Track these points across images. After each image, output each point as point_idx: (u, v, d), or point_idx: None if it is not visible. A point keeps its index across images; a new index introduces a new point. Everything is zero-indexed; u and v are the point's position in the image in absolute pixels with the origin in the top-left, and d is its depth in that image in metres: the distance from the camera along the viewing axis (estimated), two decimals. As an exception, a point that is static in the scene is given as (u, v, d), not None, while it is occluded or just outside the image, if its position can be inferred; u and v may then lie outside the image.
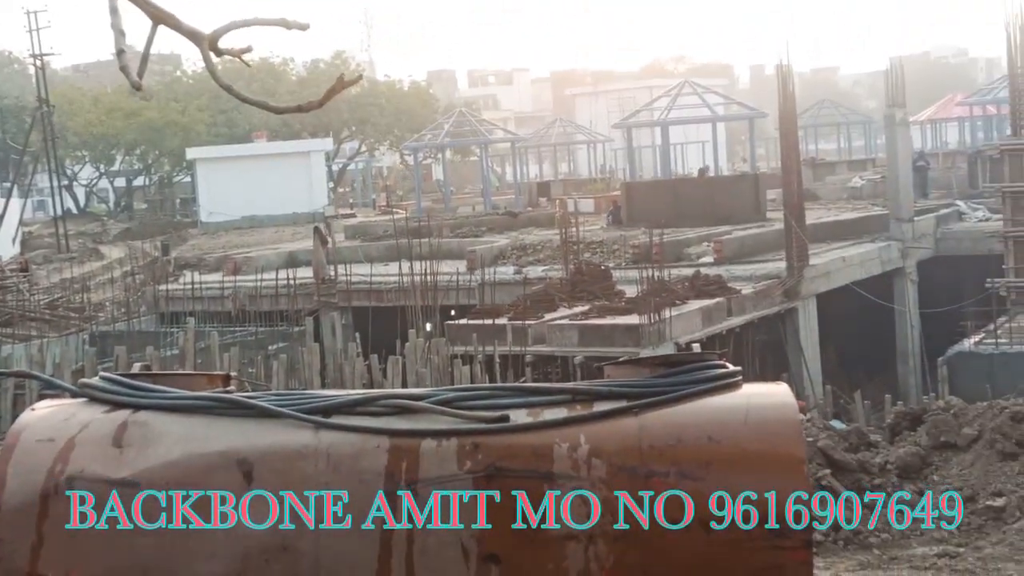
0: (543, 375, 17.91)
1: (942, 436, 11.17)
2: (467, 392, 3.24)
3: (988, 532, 9.79)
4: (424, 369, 15.15)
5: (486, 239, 32.40)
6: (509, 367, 16.69)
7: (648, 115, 42.58)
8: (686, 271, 22.74)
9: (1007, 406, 11.36)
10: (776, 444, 2.99)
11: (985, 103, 50.31)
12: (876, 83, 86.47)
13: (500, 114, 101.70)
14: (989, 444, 10.97)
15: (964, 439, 11.13)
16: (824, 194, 41.80)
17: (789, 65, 23.77)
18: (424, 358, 15.72)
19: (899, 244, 26.82)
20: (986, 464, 10.84)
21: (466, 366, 15.36)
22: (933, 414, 11.41)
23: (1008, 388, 15.41)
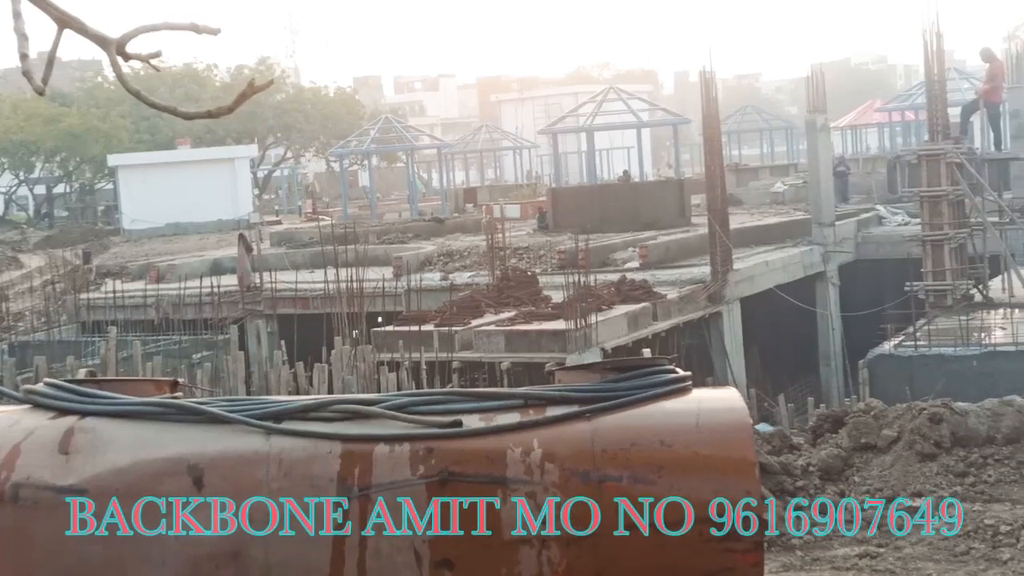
0: (470, 381, 17.88)
1: (863, 438, 11.34)
2: (420, 397, 3.24)
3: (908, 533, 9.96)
4: (350, 376, 15.06)
5: (412, 245, 32.33)
6: (436, 374, 16.65)
7: (574, 121, 42.75)
8: (612, 276, 22.85)
9: (925, 407, 11.55)
10: (728, 448, 3.01)
11: (904, 109, 51.11)
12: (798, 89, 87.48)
13: (426, 120, 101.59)
14: (908, 445, 11.14)
15: (884, 440, 11.30)
16: (747, 199, 42.23)
17: (712, 71, 23.99)
18: (350, 365, 15.64)
19: (821, 248, 27.15)
20: (905, 465, 11.00)
21: (392, 373, 15.29)
22: (854, 416, 11.58)
23: (927, 389, 15.66)
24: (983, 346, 17.93)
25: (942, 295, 21.11)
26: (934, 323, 19.58)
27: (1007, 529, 9.85)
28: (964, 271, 21.69)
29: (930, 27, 21.75)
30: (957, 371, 17.02)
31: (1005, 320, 19.84)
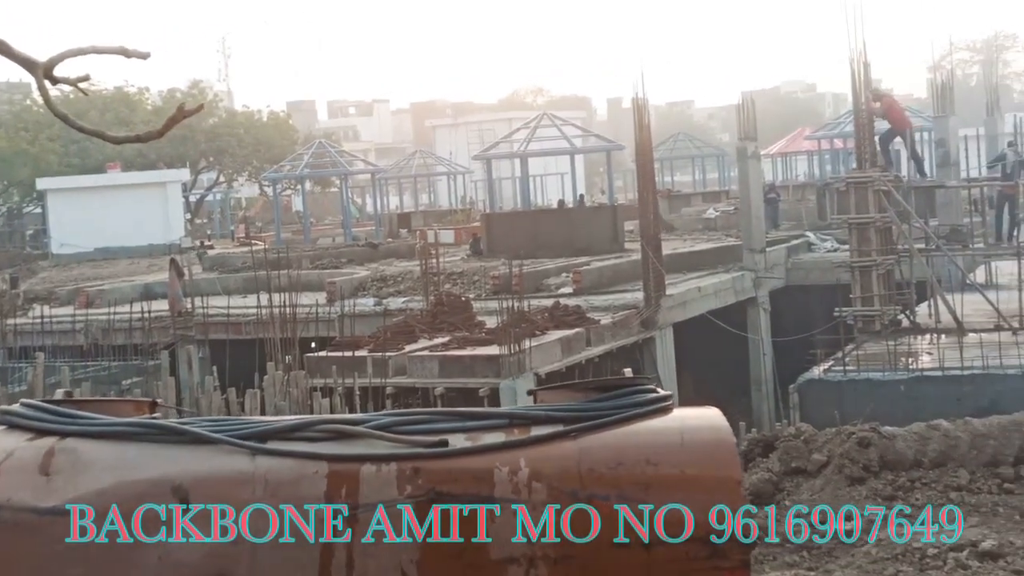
0: (404, 407, 17.81)
1: (793, 462, 11.48)
2: (405, 417, 3.23)
3: (838, 555, 10.06)
4: (283, 402, 14.95)
5: (346, 270, 32.20)
6: (369, 399, 16.58)
7: (507, 147, 42.92)
8: (546, 301, 22.91)
9: (854, 431, 11.71)
10: (713, 465, 3.04)
11: (832, 137, 51.84)
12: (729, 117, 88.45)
13: (360, 145, 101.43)
14: (838, 469, 11.30)
15: (814, 464, 11.45)
16: (680, 225, 42.58)
17: (645, 98, 24.16)
18: (283, 391, 15.53)
19: (752, 274, 27.43)
20: (835, 488, 11.15)
21: (326, 399, 15.20)
22: (784, 440, 11.71)
23: (855, 414, 15.86)
24: (910, 371, 18.16)
25: (870, 320, 21.38)
26: (863, 348, 19.82)
27: (934, 552, 10.01)
28: (892, 297, 21.99)
29: (857, 56, 22.09)
30: (885, 395, 17.23)
31: (932, 345, 20.12)
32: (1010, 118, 40.99)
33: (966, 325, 20.41)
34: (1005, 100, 79.19)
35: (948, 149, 28.08)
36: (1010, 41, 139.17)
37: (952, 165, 28.02)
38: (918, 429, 13.15)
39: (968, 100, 74.74)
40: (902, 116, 25.28)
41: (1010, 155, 26.03)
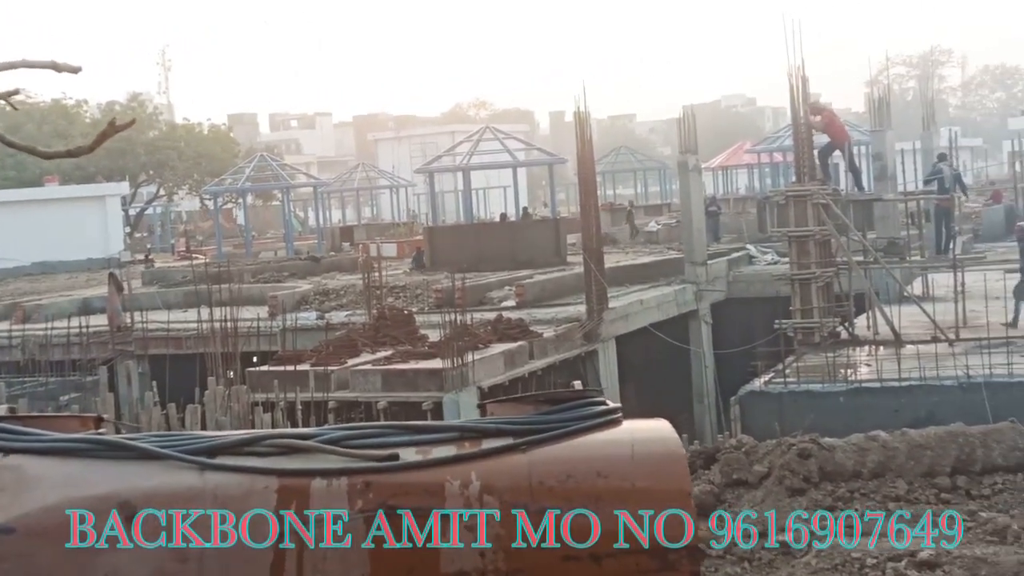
0: (346, 421, 17.73)
1: (734, 474, 11.55)
2: (355, 431, 3.21)
3: (778, 567, 10.14)
4: (224, 417, 14.86)
5: (288, 284, 32.05)
6: (312, 414, 16.49)
7: (450, 160, 42.90)
8: (488, 315, 22.92)
9: (795, 443, 11.80)
10: (663, 477, 3.05)
11: (772, 151, 52.30)
12: (670, 130, 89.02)
13: (303, 158, 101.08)
14: (778, 480, 11.38)
15: (755, 476, 11.52)
16: (622, 238, 42.79)
17: (587, 112, 24.27)
18: (224, 406, 15.42)
19: (693, 287, 27.62)
20: (776, 500, 11.23)
21: (267, 413, 15.12)
22: (725, 452, 11.78)
23: (796, 425, 15.99)
24: (849, 382, 18.35)
25: (810, 333, 21.59)
26: (803, 360, 20.00)
27: (873, 562, 10.10)
28: (831, 309, 22.21)
29: (796, 71, 22.33)
30: (825, 407, 17.39)
31: (870, 357, 20.35)
32: (945, 132, 41.70)
33: (904, 337, 20.66)
34: (941, 114, 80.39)
35: (885, 163, 28.48)
36: (945, 56, 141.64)
37: (889, 178, 28.41)
38: (857, 440, 13.28)
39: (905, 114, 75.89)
40: (841, 130, 25.59)
41: (946, 169, 26.42)
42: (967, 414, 16.09)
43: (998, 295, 20.76)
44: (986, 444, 14.27)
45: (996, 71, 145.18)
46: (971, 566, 9.74)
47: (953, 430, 14.48)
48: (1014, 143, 41.23)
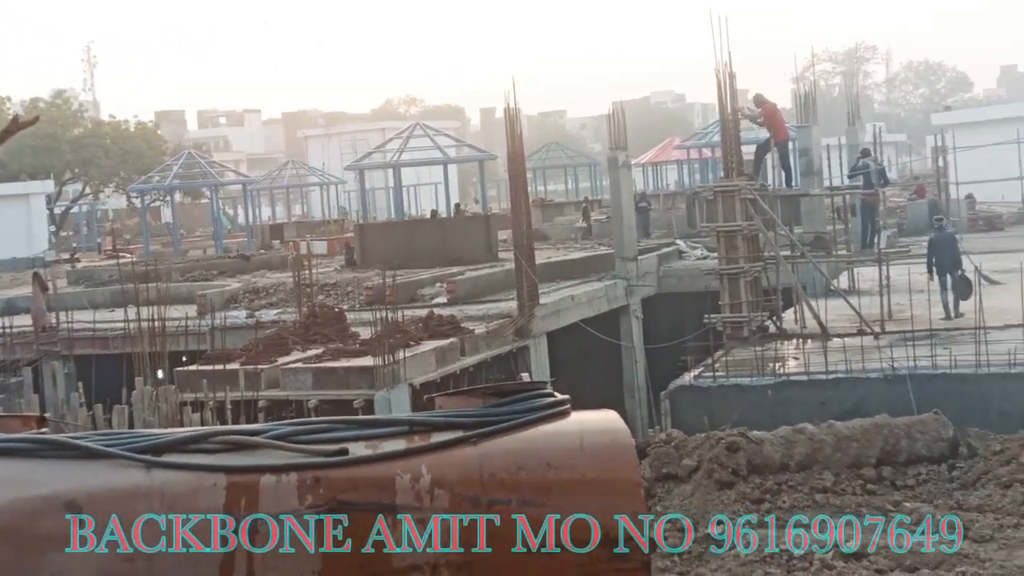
0: (277, 420, 17.61)
1: (664, 468, 11.64)
2: (304, 426, 3.17)
3: (708, 560, 10.23)
4: (152, 418, 14.70)
5: (217, 283, 31.75)
6: (241, 413, 16.37)
7: (381, 157, 42.76)
8: (420, 312, 22.88)
9: (723, 437, 11.94)
10: (613, 469, 3.05)
11: (701, 147, 52.73)
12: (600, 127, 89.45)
13: (231, 155, 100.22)
14: (707, 474, 11.49)
15: (684, 470, 11.63)
16: (553, 234, 42.91)
17: (517, 108, 24.28)
18: (152, 406, 15.27)
19: (624, 282, 27.75)
20: (705, 493, 11.33)
21: (196, 413, 14.99)
22: (655, 447, 11.87)
23: (725, 419, 16.16)
24: (777, 376, 18.54)
25: (739, 327, 21.80)
26: (731, 354, 20.18)
27: (800, 553, 10.24)
28: (759, 303, 22.44)
29: (723, 68, 22.52)
30: (753, 400, 17.56)
31: (798, 350, 20.59)
32: (870, 128, 42.28)
33: (830, 330, 20.92)
34: (866, 110, 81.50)
35: (811, 158, 28.77)
36: (870, 53, 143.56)
37: (815, 174, 28.70)
38: (784, 433, 13.46)
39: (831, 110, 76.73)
40: (782, 125, 25.78)
41: (870, 165, 26.75)
42: (892, 406, 16.36)
43: (922, 288, 21.09)
44: (910, 435, 14.53)
45: (919, 67, 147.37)
46: (895, 556, 9.90)
47: (878, 422, 14.73)
48: (937, 138, 41.94)
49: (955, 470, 14.66)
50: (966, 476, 14.32)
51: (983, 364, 17.33)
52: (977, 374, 17.26)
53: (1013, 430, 15.58)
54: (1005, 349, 17.71)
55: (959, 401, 16.75)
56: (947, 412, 15.91)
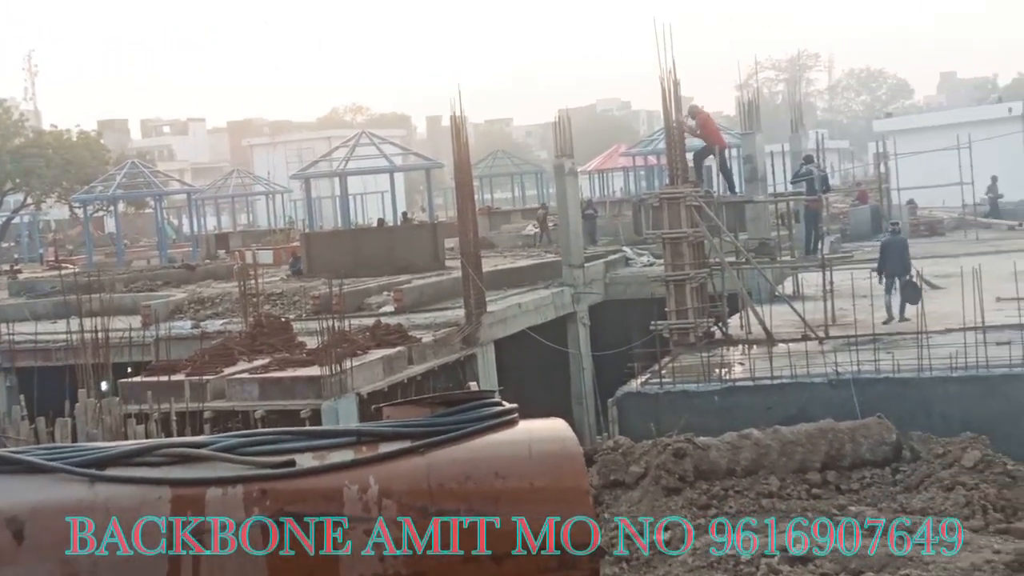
0: (223, 431, 17.49)
1: (612, 475, 11.67)
2: (250, 437, 3.15)
3: (655, 565, 10.28)
4: (96, 431, 14.56)
5: (162, 293, 31.49)
6: (187, 424, 16.25)
7: (327, 165, 42.60)
8: (367, 321, 22.82)
9: (670, 443, 11.99)
10: (561, 476, 3.06)
11: (647, 154, 52.91)
12: (546, 134, 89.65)
13: (176, 165, 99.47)
14: (655, 480, 11.54)
15: (632, 476, 11.67)
16: (500, 242, 42.96)
17: (463, 116, 24.29)
18: (96, 419, 15.11)
19: (571, 289, 27.83)
20: (652, 500, 11.38)
21: (141, 425, 14.86)
22: (603, 454, 11.90)
23: (672, 425, 16.25)
24: (723, 381, 18.67)
25: (685, 333, 21.92)
26: (678, 360, 20.29)
27: (748, 558, 10.31)
28: (705, 310, 22.58)
29: (667, 75, 22.65)
30: (700, 406, 17.66)
31: (743, 356, 20.74)
32: (813, 134, 42.68)
33: (775, 336, 21.10)
34: (808, 117, 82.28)
35: (755, 164, 29.03)
36: (813, 60, 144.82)
37: (760, 180, 28.97)
38: (730, 439, 13.54)
39: (774, 117, 77.49)
40: (716, 133, 26.00)
41: (814, 171, 27.00)
42: (836, 410, 16.52)
43: (865, 293, 21.32)
44: (854, 439, 14.68)
45: (861, 74, 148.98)
46: (841, 559, 9.98)
47: (823, 426, 14.87)
48: (879, 145, 42.43)
49: (898, 473, 14.83)
50: (909, 479, 14.49)
51: (925, 368, 17.55)
52: (919, 378, 17.47)
53: (955, 433, 15.78)
54: (946, 353, 17.94)
55: (902, 405, 16.95)
56: (890, 416, 16.10)
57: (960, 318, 19.91)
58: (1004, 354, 17.75)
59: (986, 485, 13.59)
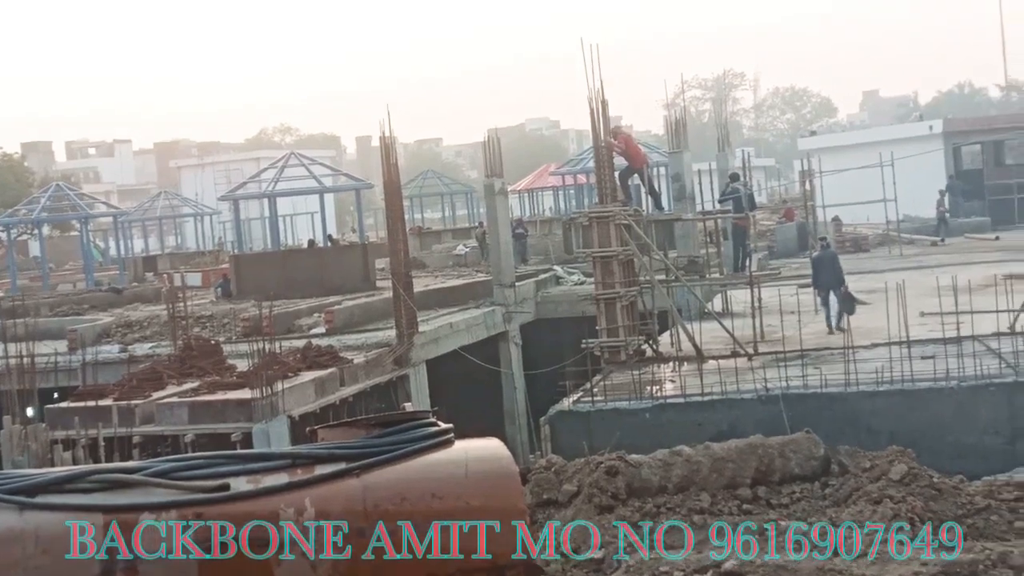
0: (153, 456, 17.31)
1: (544, 494, 11.70)
2: (183, 462, 3.12)
3: None
4: (21, 457, 14.34)
5: (89, 317, 31.09)
6: (115, 450, 16.04)
7: (256, 187, 42.33)
8: (298, 342, 22.70)
9: (602, 461, 12.05)
10: (497, 495, 3.07)
11: (576, 173, 53.23)
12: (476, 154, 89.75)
13: (102, 187, 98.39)
14: (587, 499, 11.59)
15: (565, 495, 11.71)
16: (431, 262, 42.91)
17: (392, 136, 24.28)
18: (21, 445, 14.88)
19: (503, 309, 27.87)
20: (585, 518, 11.43)
21: (68, 452, 14.65)
22: (535, 473, 11.93)
23: (604, 443, 16.31)
24: (655, 399, 18.76)
25: (616, 351, 22.04)
26: (610, 378, 20.39)
27: (680, 573, 10.38)
28: (636, 327, 22.72)
29: (595, 95, 22.81)
30: (631, 424, 17.75)
31: (674, 373, 20.88)
32: (740, 152, 43.17)
33: (705, 352, 21.28)
34: (735, 135, 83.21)
35: (684, 183, 29.28)
36: (738, 79, 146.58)
37: (688, 198, 29.22)
38: (662, 456, 13.62)
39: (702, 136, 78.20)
40: (638, 152, 26.22)
41: (740, 189, 27.30)
42: (766, 426, 16.69)
43: (792, 310, 21.58)
44: (784, 454, 14.84)
45: (786, 93, 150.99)
46: (772, 574, 10.09)
47: (753, 442, 15.00)
48: (804, 163, 42.96)
49: (827, 487, 14.99)
50: (838, 493, 14.66)
51: (852, 383, 17.79)
52: (846, 393, 17.70)
53: (882, 447, 15.99)
54: (873, 368, 18.20)
55: (830, 419, 17.16)
56: (819, 431, 16.28)
57: (886, 333, 20.23)
58: (928, 368, 18.05)
59: (913, 498, 13.79)
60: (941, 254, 38.68)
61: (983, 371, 17.57)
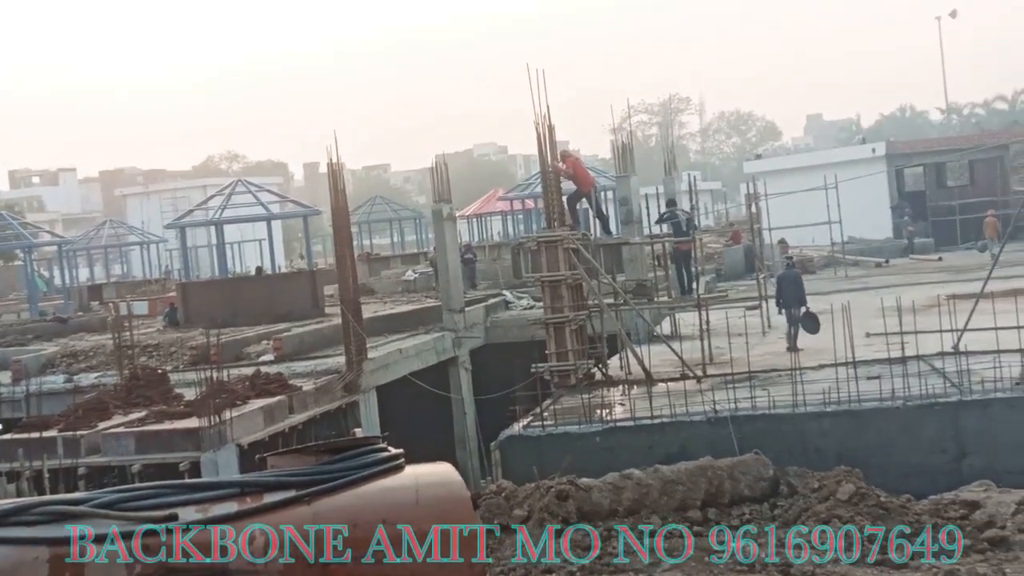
0: (99, 487, 17.10)
1: (495, 519, 11.68)
2: (130, 492, 3.08)
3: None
4: (-36, 491, 14.11)
5: (33, 347, 30.74)
6: (60, 481, 15.84)
7: (202, 214, 42.08)
8: (246, 370, 22.55)
9: (553, 485, 12.05)
10: (449, 520, 3.05)
11: (524, 197, 53.36)
12: (424, 179, 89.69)
13: (46, 216, 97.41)
14: (538, 523, 11.59)
15: (515, 520, 11.70)
16: (380, 288, 42.80)
17: (340, 162, 24.22)
18: (-36, 479, 14.67)
19: (452, 334, 27.85)
20: (536, 542, 11.43)
21: (12, 484, 14.45)
22: (486, 498, 11.90)
23: (555, 467, 16.32)
24: (604, 422, 18.80)
25: (566, 375, 22.07)
26: (560, 402, 20.41)
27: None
28: (585, 351, 22.78)
29: (542, 120, 22.91)
30: (582, 448, 17.77)
31: (624, 396, 20.94)
32: (686, 176, 43.47)
33: (655, 375, 21.36)
34: (682, 159, 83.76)
35: (631, 207, 29.43)
36: (684, 104, 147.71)
37: (636, 222, 29.37)
38: (612, 479, 13.65)
39: (649, 160, 78.71)
40: (586, 176, 26.32)
41: (680, 214, 27.41)
42: (715, 447, 16.77)
43: (740, 331, 21.72)
44: (733, 476, 14.92)
45: (731, 117, 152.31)
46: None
47: (702, 464, 15.08)
48: (749, 186, 43.34)
49: (777, 508, 15.09)
50: (787, 514, 14.76)
51: (800, 404, 17.92)
52: (794, 414, 17.82)
53: (829, 467, 16.12)
54: (820, 388, 18.36)
55: (778, 440, 17.27)
56: (767, 452, 16.39)
57: (832, 354, 20.41)
58: (875, 388, 18.22)
59: (861, 517, 13.90)
60: (886, 275, 39.13)
61: (928, 391, 17.76)
